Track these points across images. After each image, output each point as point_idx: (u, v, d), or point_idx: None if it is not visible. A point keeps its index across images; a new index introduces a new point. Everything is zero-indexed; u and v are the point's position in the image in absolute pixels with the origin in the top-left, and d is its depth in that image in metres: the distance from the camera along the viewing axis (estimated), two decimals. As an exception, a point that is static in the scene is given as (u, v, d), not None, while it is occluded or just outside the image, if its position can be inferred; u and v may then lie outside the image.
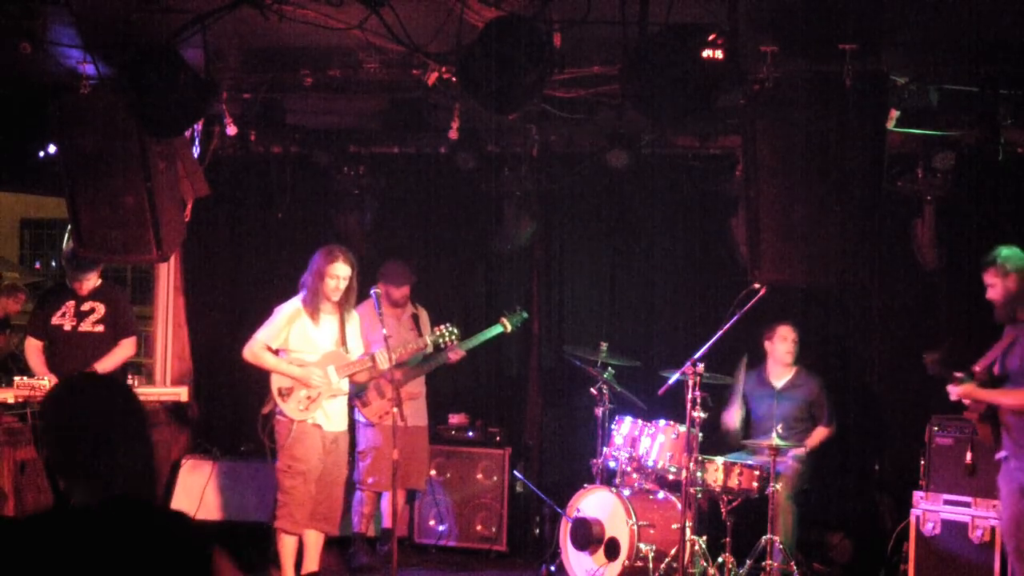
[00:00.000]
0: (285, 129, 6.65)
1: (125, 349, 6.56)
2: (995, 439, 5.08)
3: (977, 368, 5.06)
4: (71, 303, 6.52)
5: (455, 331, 6.55)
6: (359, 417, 6.68)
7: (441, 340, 6.53)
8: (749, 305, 5.69)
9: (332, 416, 6.01)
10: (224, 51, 5.70)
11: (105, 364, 6.41)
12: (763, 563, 5.90)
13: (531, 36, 4.43)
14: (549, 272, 7.79)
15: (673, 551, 5.85)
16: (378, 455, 6.62)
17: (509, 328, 6.87)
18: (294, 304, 5.99)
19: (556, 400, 7.73)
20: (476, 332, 6.89)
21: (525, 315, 7.01)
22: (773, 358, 6.72)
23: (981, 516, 5.84)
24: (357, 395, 6.57)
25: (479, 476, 7.25)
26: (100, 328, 6.51)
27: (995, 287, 5.02)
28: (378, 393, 6.62)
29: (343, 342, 6.05)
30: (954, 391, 5.12)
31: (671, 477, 6.17)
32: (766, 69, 4.90)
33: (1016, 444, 4.94)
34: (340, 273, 5.93)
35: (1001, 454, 5.08)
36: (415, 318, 6.88)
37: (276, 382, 5.93)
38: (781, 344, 6.65)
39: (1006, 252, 5.02)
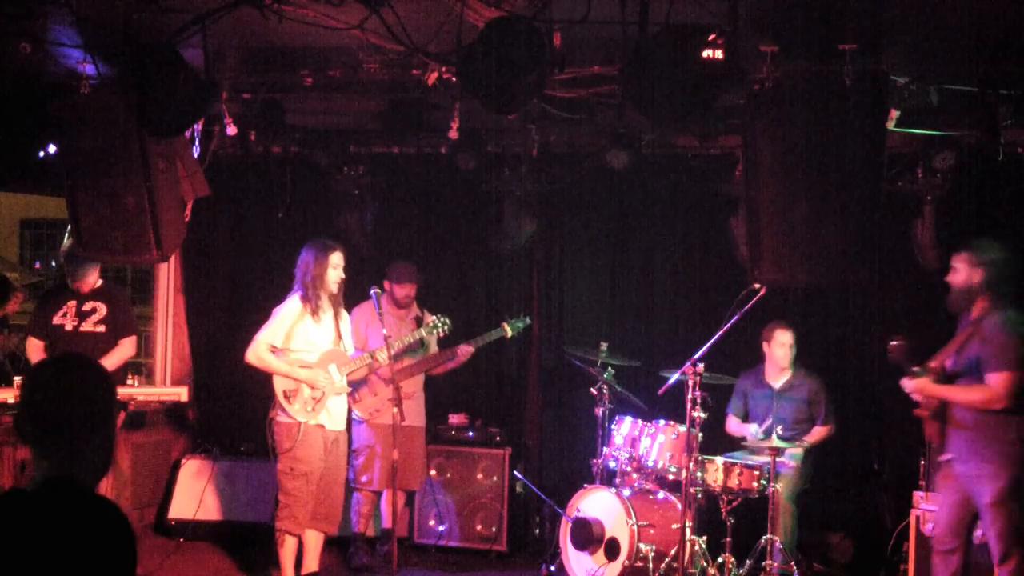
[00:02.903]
0: (285, 129, 6.65)
1: (126, 349, 6.58)
2: (941, 439, 5.05)
3: (933, 363, 5.03)
4: (72, 303, 6.53)
5: (447, 321, 6.55)
6: (352, 414, 6.68)
7: (435, 331, 6.53)
8: (749, 305, 5.69)
9: (334, 415, 6.02)
10: (224, 51, 5.70)
11: (107, 363, 6.42)
12: (763, 563, 5.90)
13: (531, 36, 4.42)
14: (549, 272, 7.80)
15: (673, 551, 5.85)
16: (371, 454, 6.61)
17: (510, 333, 6.87)
18: (294, 303, 5.99)
19: (556, 400, 7.73)
20: (476, 334, 6.88)
21: (528, 321, 7.02)
22: (771, 361, 6.72)
23: (981, 516, 5.82)
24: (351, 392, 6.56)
25: (479, 476, 7.25)
26: (101, 328, 6.53)
27: (959, 273, 5.00)
28: (370, 390, 6.60)
29: (339, 339, 6.07)
30: (908, 385, 5.10)
31: (671, 477, 6.17)
32: (766, 69, 4.90)
33: (965, 445, 4.90)
34: (340, 262, 6.03)
35: (945, 456, 5.04)
36: (418, 320, 6.87)
37: (280, 385, 5.92)
38: (778, 348, 6.64)
39: (986, 245, 5.00)
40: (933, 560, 5.11)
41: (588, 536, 6.11)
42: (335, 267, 6.00)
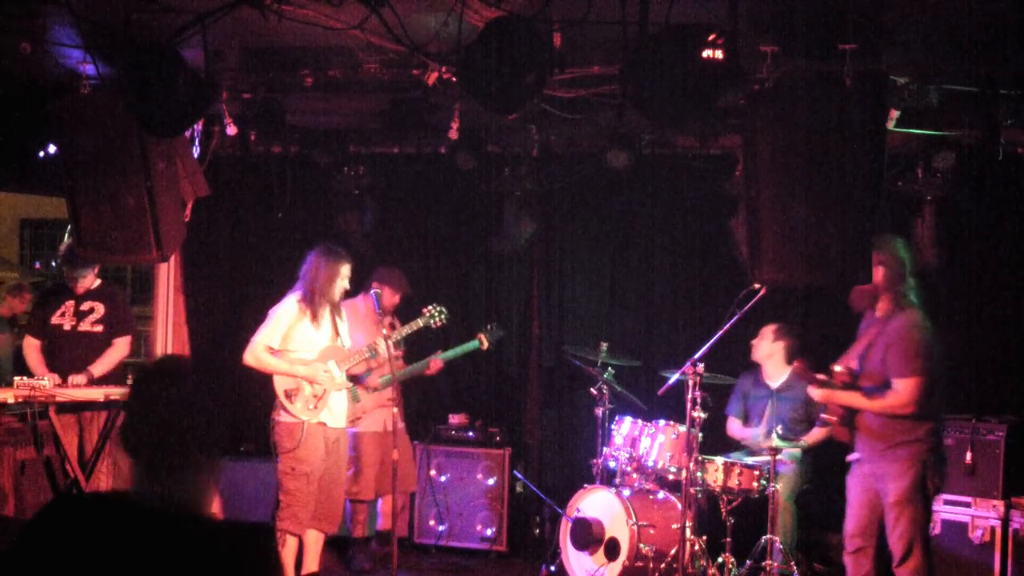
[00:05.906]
0: (285, 129, 6.64)
1: (119, 349, 6.56)
2: (852, 440, 5.08)
3: (839, 367, 5.05)
4: (70, 303, 6.53)
5: (443, 310, 6.52)
6: None
7: (432, 320, 6.51)
8: (749, 305, 5.69)
9: (336, 413, 6.00)
10: (224, 51, 5.70)
11: (101, 366, 6.41)
12: (763, 563, 5.90)
13: (531, 36, 4.43)
14: (549, 272, 7.79)
15: (673, 551, 5.85)
16: (362, 463, 6.58)
17: (486, 345, 6.85)
18: (292, 304, 5.98)
19: (556, 400, 7.73)
20: (475, 334, 6.87)
21: (502, 332, 7.01)
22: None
23: (981, 516, 5.84)
24: None
25: (479, 476, 7.25)
26: (99, 328, 6.52)
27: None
28: (352, 397, 6.54)
29: (336, 336, 6.07)
30: (816, 395, 5.15)
31: (671, 477, 6.17)
32: (766, 69, 4.91)
33: (871, 448, 4.93)
34: (348, 274, 6.02)
35: (854, 456, 5.08)
36: (392, 325, 6.85)
37: (281, 384, 5.91)
38: (759, 340, 6.66)
39: (886, 240, 4.95)
40: (844, 560, 5.12)
41: (588, 536, 6.11)
42: (344, 278, 5.99)
